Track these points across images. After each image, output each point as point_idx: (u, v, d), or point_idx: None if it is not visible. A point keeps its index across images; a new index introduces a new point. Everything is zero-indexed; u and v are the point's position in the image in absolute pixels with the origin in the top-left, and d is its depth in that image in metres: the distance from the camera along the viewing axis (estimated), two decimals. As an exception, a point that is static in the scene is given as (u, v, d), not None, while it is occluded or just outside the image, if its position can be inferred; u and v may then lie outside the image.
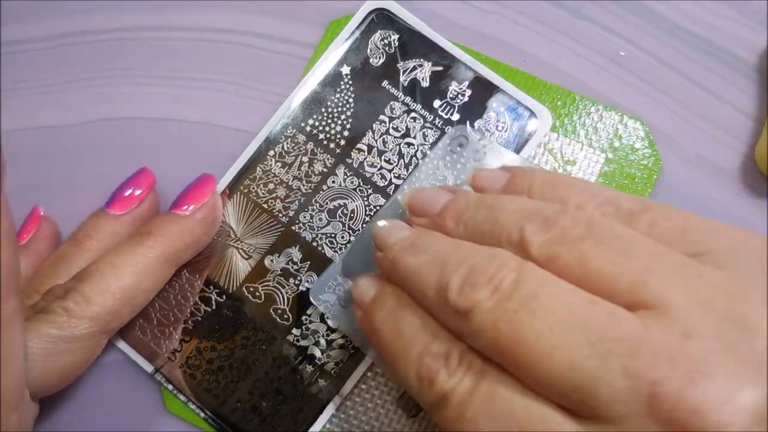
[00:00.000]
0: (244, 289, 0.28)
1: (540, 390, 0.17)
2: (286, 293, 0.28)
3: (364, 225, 0.29)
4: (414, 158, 0.29)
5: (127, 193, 0.28)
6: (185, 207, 0.27)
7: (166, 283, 0.28)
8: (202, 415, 0.27)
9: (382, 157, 0.29)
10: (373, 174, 0.29)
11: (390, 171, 0.29)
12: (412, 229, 0.22)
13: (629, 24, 0.31)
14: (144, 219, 0.28)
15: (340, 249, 0.28)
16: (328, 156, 0.29)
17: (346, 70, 0.29)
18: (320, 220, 0.29)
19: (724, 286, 0.17)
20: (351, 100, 0.29)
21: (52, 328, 0.23)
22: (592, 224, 0.18)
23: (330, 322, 0.28)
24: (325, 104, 0.29)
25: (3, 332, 0.21)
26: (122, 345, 0.28)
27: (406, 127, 0.29)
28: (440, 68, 0.29)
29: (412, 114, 0.29)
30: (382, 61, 0.29)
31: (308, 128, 0.29)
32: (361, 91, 0.29)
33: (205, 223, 0.27)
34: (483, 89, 0.29)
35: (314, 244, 0.28)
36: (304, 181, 0.29)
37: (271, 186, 0.29)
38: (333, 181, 0.29)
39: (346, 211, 0.29)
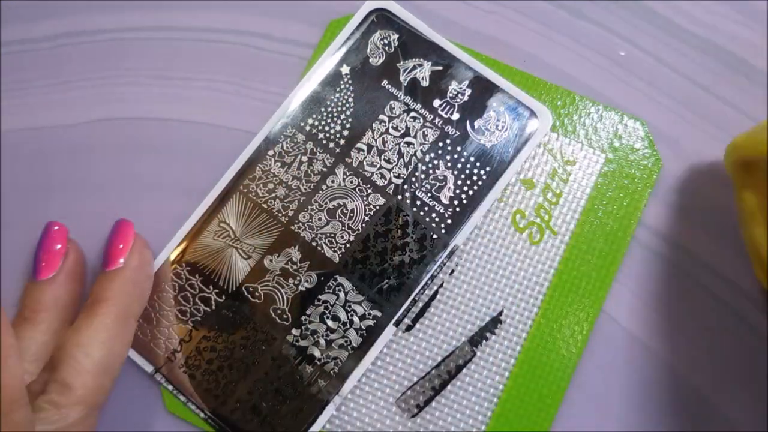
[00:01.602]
0: (243, 289, 0.28)
1: None
2: (286, 293, 0.28)
3: (363, 225, 0.28)
4: (414, 158, 0.29)
5: (46, 256, 0.27)
6: (118, 260, 0.27)
7: (166, 284, 0.28)
8: (202, 415, 0.27)
9: (382, 157, 0.29)
10: (372, 173, 0.29)
11: (390, 170, 0.29)
12: None
13: (629, 24, 0.31)
14: (76, 271, 0.28)
15: (340, 249, 0.28)
16: (328, 155, 0.29)
17: (345, 69, 0.29)
18: (320, 219, 0.29)
19: None
20: (351, 99, 0.29)
21: (45, 425, 0.23)
22: None
23: None
24: (325, 104, 0.29)
25: None
26: (122, 345, 0.28)
27: (406, 126, 0.29)
28: (440, 68, 0.29)
29: (412, 113, 0.29)
30: (381, 60, 0.29)
31: (308, 128, 0.29)
32: (361, 90, 0.29)
33: (143, 268, 0.27)
34: (483, 89, 0.29)
35: (313, 244, 0.28)
36: (303, 181, 0.29)
37: (270, 186, 0.29)
38: (332, 181, 0.29)
39: (345, 211, 0.29)
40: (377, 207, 0.29)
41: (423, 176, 0.29)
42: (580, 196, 0.29)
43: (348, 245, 0.28)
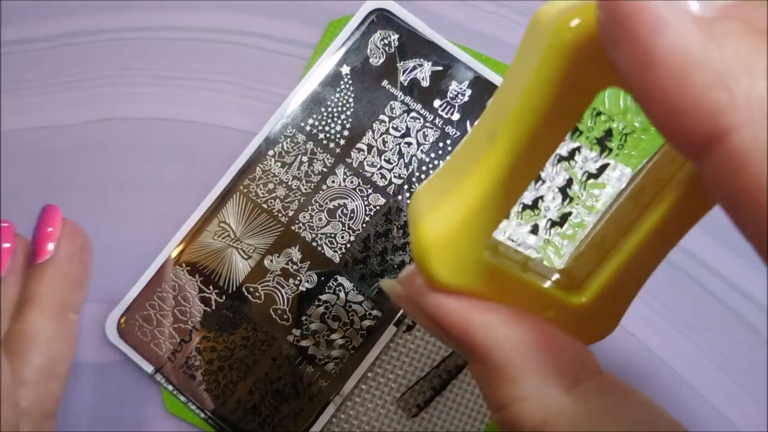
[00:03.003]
0: (243, 289, 0.28)
1: None
2: (286, 293, 0.28)
3: (363, 225, 0.28)
4: (414, 158, 0.29)
5: None
6: (46, 249, 0.24)
7: (166, 284, 0.28)
8: (203, 415, 0.27)
9: (382, 157, 0.29)
10: (372, 174, 0.29)
11: (390, 171, 0.29)
12: None
13: (629, 24, 0.31)
14: (26, 268, 0.25)
15: (340, 249, 0.28)
16: (328, 156, 0.29)
17: (345, 70, 0.29)
18: (320, 220, 0.29)
19: None
20: (351, 99, 0.29)
21: None
22: None
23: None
24: (325, 104, 0.29)
25: None
26: (122, 345, 0.28)
27: (406, 126, 0.29)
28: (440, 68, 0.29)
29: (412, 114, 0.29)
30: (381, 60, 0.29)
31: (308, 128, 0.29)
32: (361, 90, 0.29)
33: (74, 255, 0.25)
34: (483, 89, 0.29)
35: (314, 244, 0.28)
36: (303, 181, 0.29)
37: (270, 186, 0.29)
38: (333, 181, 0.29)
39: (345, 211, 0.29)
40: (378, 207, 0.29)
41: (424, 177, 0.29)
42: (580, 196, 0.29)
43: (348, 245, 0.28)
